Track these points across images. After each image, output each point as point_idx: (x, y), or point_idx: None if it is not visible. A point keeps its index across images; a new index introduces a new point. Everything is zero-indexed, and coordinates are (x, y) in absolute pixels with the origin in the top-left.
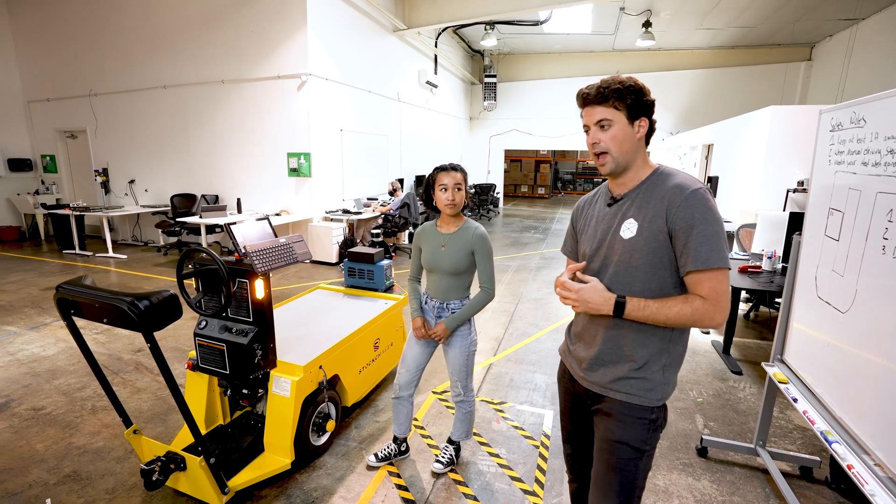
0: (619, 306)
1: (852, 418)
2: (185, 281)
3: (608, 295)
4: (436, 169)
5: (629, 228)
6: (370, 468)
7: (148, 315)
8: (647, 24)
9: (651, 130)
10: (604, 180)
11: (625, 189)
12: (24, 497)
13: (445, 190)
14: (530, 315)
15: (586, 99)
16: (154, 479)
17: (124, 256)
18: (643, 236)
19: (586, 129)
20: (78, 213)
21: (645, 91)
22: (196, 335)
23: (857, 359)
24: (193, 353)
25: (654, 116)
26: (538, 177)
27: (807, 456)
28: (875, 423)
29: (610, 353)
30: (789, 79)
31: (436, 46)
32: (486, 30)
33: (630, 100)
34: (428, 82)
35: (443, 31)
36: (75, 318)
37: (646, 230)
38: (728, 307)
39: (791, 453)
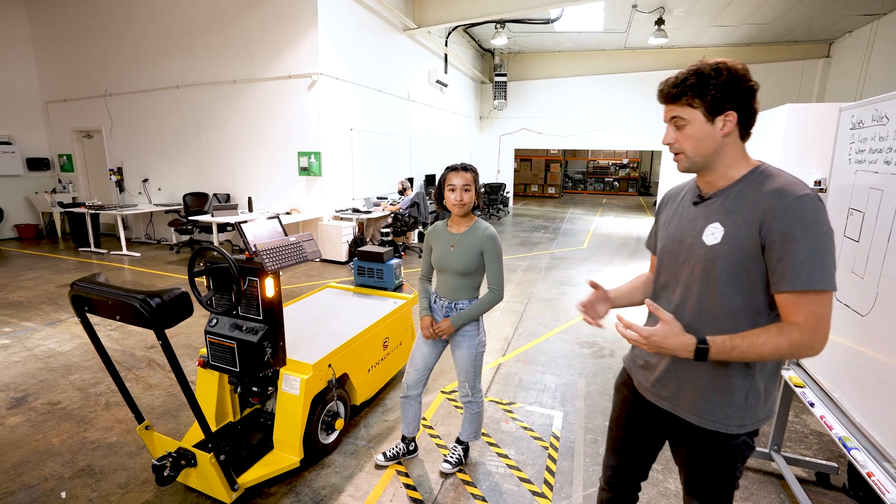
0: (702, 352)
1: (873, 424)
2: (196, 279)
3: (687, 339)
4: (447, 168)
5: (713, 234)
6: (378, 467)
7: (159, 313)
8: (659, 22)
9: (749, 121)
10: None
11: (713, 188)
12: (41, 490)
13: (454, 190)
14: (540, 315)
15: (660, 96)
16: (165, 474)
17: (138, 254)
18: (729, 244)
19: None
20: (93, 211)
21: (737, 77)
22: (207, 333)
23: (878, 363)
24: (204, 351)
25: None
26: (548, 176)
27: (824, 462)
28: None
29: (683, 368)
30: (806, 76)
31: (446, 45)
32: (496, 28)
33: (711, 94)
34: (438, 81)
35: (453, 29)
36: (89, 315)
37: (733, 238)
38: (828, 334)
39: (807, 459)
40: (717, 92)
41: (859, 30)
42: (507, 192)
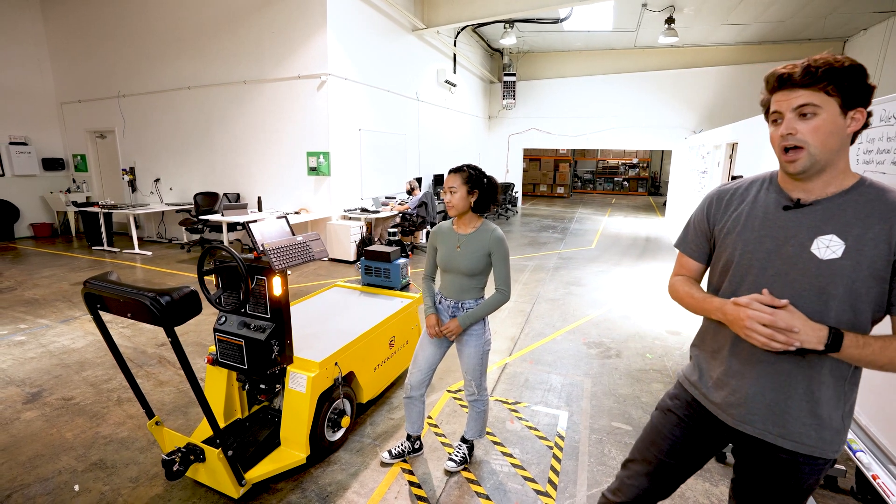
0: (837, 340)
1: (879, 427)
2: (205, 277)
3: (818, 325)
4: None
5: (829, 247)
6: (384, 465)
7: (169, 310)
8: (669, 21)
9: (865, 125)
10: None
11: (815, 194)
12: (55, 482)
13: (446, 192)
14: (547, 315)
15: (786, 80)
16: (175, 469)
17: (149, 253)
18: (854, 260)
19: (776, 116)
20: (106, 210)
21: (865, 74)
22: (216, 331)
23: None
24: (213, 348)
25: (676, 118)
26: (557, 176)
27: None
28: None
29: (776, 392)
30: None
31: (455, 45)
32: (505, 28)
33: (847, 83)
34: (447, 81)
35: (462, 29)
36: (101, 312)
37: (860, 255)
38: None
39: None
40: (854, 84)
41: (874, 27)
42: (516, 192)
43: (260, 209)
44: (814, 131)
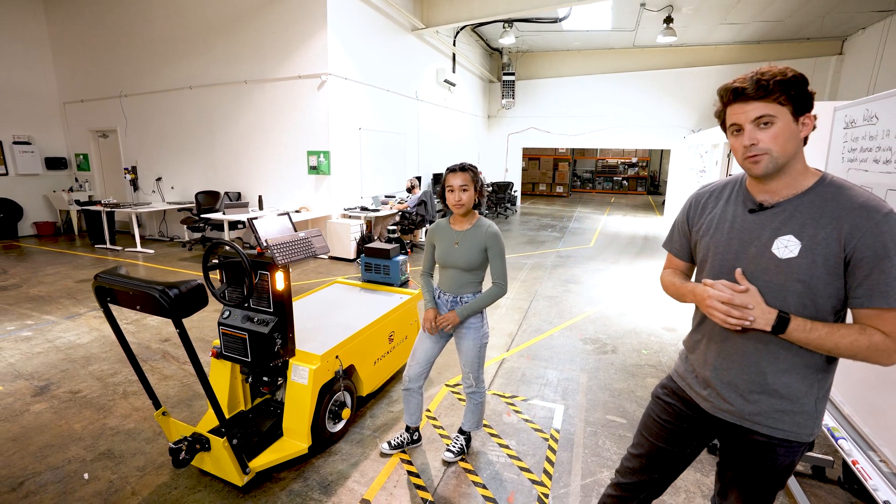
0: (782, 323)
1: (861, 416)
2: (210, 273)
3: (768, 308)
4: (446, 169)
5: (787, 247)
6: (383, 455)
7: (177, 302)
8: (668, 20)
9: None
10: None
11: (776, 197)
12: (65, 471)
13: (452, 191)
14: (544, 312)
15: (740, 93)
16: (181, 457)
17: (151, 251)
18: (809, 259)
19: (734, 128)
20: (109, 209)
21: (807, 84)
22: (220, 324)
23: None
24: (217, 342)
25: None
26: (556, 175)
27: (819, 455)
28: (884, 421)
29: (752, 379)
30: (818, 74)
31: (454, 45)
32: (504, 28)
33: (794, 92)
34: (446, 81)
35: (461, 29)
36: (110, 306)
37: (814, 253)
38: None
39: None
40: (800, 93)
41: (873, 26)
42: (515, 191)
43: (261, 208)
44: (774, 139)
